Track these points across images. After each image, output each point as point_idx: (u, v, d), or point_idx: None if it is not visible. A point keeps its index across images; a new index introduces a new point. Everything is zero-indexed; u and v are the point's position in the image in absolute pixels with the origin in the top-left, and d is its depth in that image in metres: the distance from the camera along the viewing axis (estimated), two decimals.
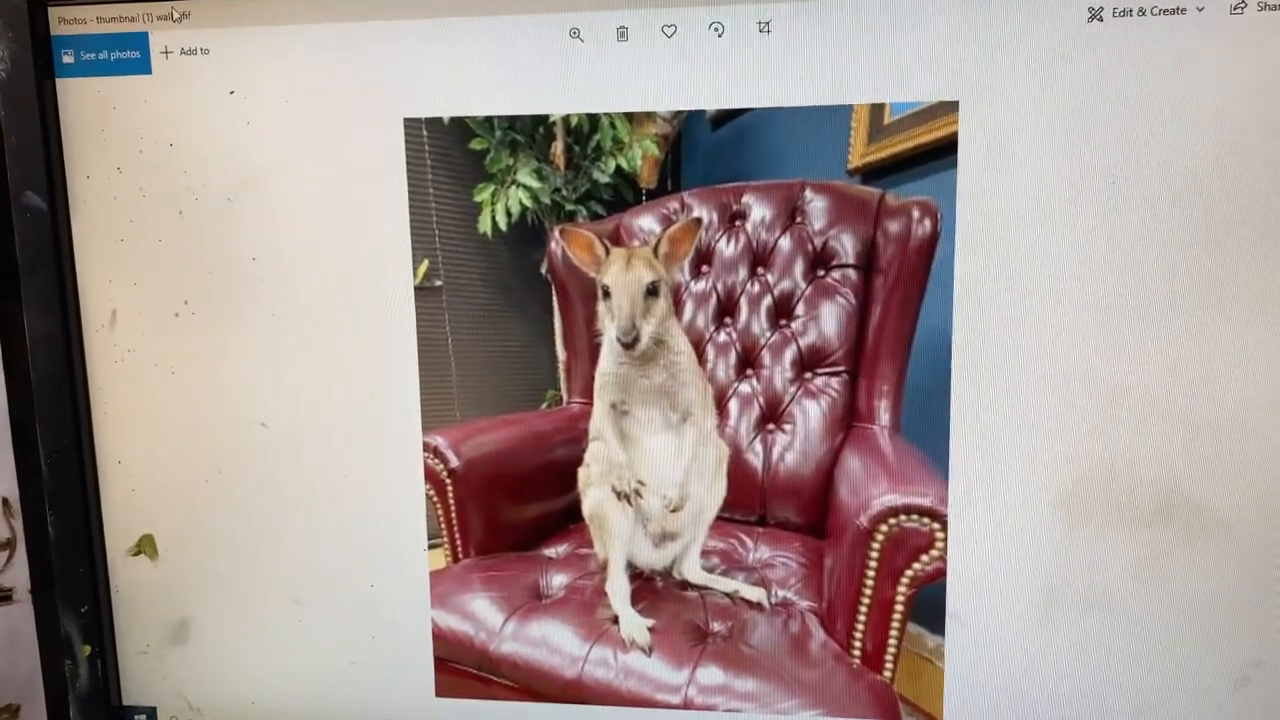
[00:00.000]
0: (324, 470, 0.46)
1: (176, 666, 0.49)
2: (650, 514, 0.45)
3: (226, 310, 0.45)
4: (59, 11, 0.44)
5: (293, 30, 0.43)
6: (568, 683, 0.46)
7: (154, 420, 0.47)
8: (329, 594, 0.47)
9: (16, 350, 0.48)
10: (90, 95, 0.45)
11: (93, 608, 0.48)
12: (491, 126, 0.43)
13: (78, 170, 0.45)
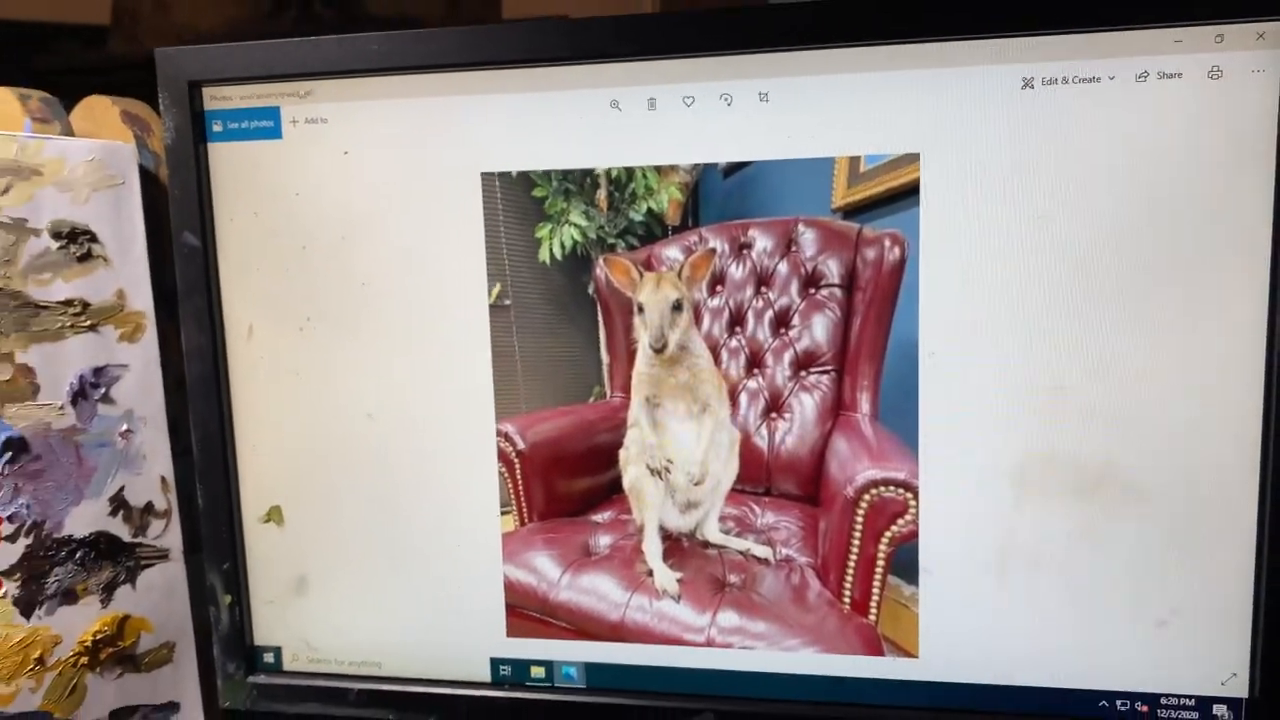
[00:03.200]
0: (417, 453, 0.57)
1: (297, 614, 0.60)
2: (677, 486, 0.55)
3: (340, 325, 0.57)
4: (211, 91, 0.56)
5: (393, 103, 0.54)
6: (613, 625, 0.57)
7: (281, 414, 0.58)
8: (420, 553, 0.58)
9: (174, 358, 0.60)
10: (234, 156, 0.57)
11: (232, 565, 0.60)
12: (549, 178, 0.54)
13: (224, 215, 0.57)
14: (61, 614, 0.56)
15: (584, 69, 0.52)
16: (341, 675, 0.60)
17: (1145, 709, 0.52)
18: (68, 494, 0.57)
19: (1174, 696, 0.51)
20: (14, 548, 0.55)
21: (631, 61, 0.52)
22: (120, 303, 0.59)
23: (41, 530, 0.56)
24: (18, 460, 0.55)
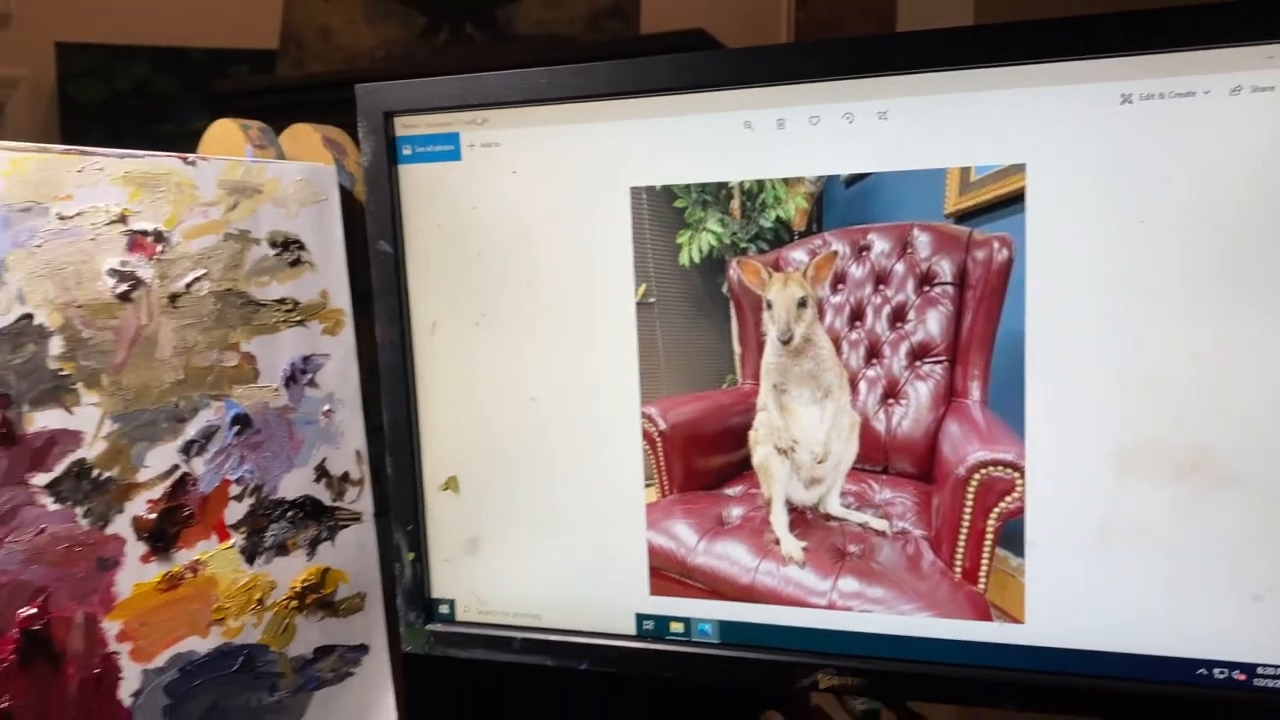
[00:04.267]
0: (573, 432, 0.66)
1: (469, 571, 0.69)
2: (802, 464, 0.62)
3: (508, 320, 0.66)
4: (402, 120, 0.66)
5: (555, 129, 0.63)
6: (744, 587, 0.64)
7: (458, 397, 0.68)
8: (574, 520, 0.66)
9: (366, 349, 0.70)
10: (420, 176, 0.66)
11: (414, 527, 0.69)
12: (689, 190, 0.61)
13: (411, 226, 0.67)
14: (276, 563, 0.67)
15: (720, 94, 0.60)
16: (505, 625, 0.69)
17: (1242, 677, 0.55)
18: (282, 463, 0.67)
19: (1270, 666, 0.55)
20: (240, 506, 0.65)
21: (763, 87, 0.59)
22: (323, 301, 0.70)
23: (261, 492, 0.66)
24: (243, 433, 0.66)
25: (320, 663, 0.67)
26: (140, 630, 0.61)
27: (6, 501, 0.57)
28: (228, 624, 0.64)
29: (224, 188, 0.66)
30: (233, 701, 0.64)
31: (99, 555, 0.60)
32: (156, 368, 0.63)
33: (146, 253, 0.63)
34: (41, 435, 0.59)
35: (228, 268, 0.66)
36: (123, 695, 0.60)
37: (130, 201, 0.63)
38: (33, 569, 0.58)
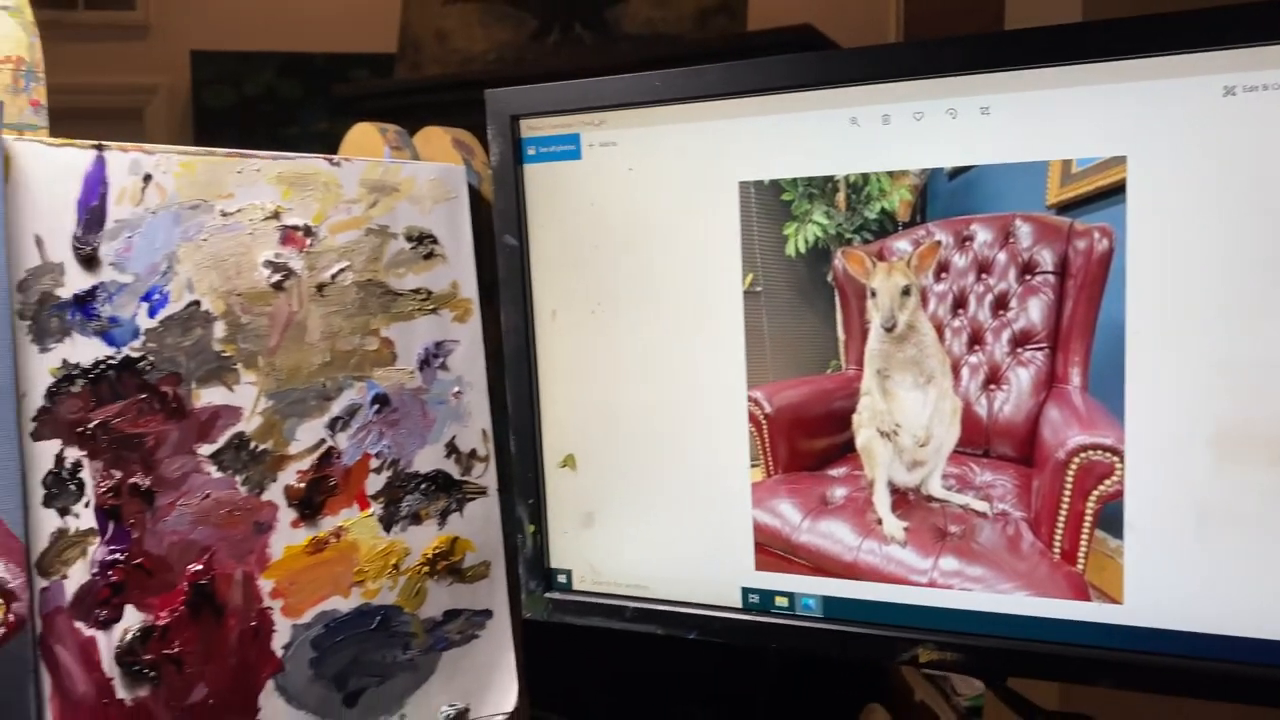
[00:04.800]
0: (682, 414, 0.69)
1: (585, 543, 0.74)
2: (904, 448, 0.65)
3: (623, 309, 0.70)
4: (527, 122, 0.71)
5: (668, 128, 0.67)
6: (846, 564, 0.67)
7: (577, 380, 0.72)
8: (684, 497, 0.70)
9: (491, 336, 0.75)
10: (543, 174, 0.71)
11: (535, 501, 0.74)
12: (796, 184, 0.64)
13: (535, 221, 0.72)
14: (410, 532, 0.72)
15: (827, 92, 0.63)
16: (618, 595, 0.73)
17: None
18: (416, 439, 0.73)
19: None
20: (379, 478, 0.71)
21: (868, 85, 0.61)
22: (454, 291, 0.75)
23: (398, 466, 0.72)
24: (382, 411, 0.72)
25: (448, 625, 0.73)
26: (290, 588, 0.67)
27: (178, 469, 0.64)
28: (367, 586, 0.70)
29: (365, 186, 0.72)
30: (370, 657, 0.70)
31: (255, 519, 0.67)
32: (306, 351, 0.69)
33: (297, 246, 0.69)
34: (207, 410, 0.65)
35: (369, 260, 0.72)
36: (275, 646, 0.67)
37: (283, 199, 0.69)
38: (199, 530, 0.65)
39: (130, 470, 0.63)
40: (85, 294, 0.62)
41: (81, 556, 0.61)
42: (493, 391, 0.76)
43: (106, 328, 0.63)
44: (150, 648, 0.62)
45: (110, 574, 0.61)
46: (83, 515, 0.61)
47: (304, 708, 0.67)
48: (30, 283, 0.60)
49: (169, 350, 0.64)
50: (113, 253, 0.63)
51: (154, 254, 0.64)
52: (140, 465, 0.63)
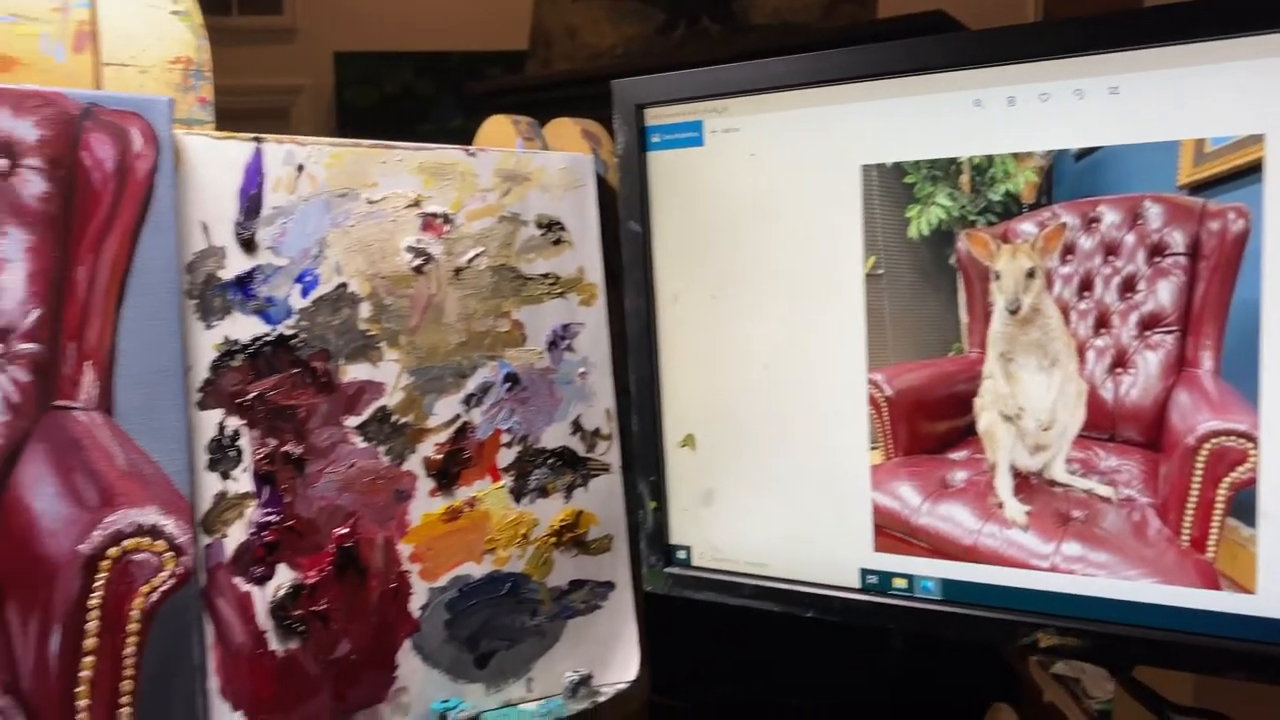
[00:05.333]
0: (802, 396, 0.71)
1: (704, 520, 0.76)
2: (1027, 431, 0.64)
3: (744, 292, 0.71)
4: (651, 111, 0.73)
5: (790, 113, 0.68)
6: (966, 547, 0.67)
7: (697, 362, 0.74)
8: (803, 478, 0.71)
9: (618, 318, 0.78)
10: (667, 161, 0.73)
11: (656, 478, 0.77)
12: (918, 167, 0.65)
13: (658, 207, 0.74)
14: (538, 504, 0.76)
15: (950, 75, 0.63)
16: (736, 573, 0.75)
17: None
18: (544, 416, 0.76)
19: None
20: (510, 452, 0.75)
21: (993, 67, 0.61)
22: (580, 276, 0.78)
23: (526, 441, 0.75)
24: (513, 389, 0.75)
25: (573, 594, 0.76)
26: (427, 553, 0.71)
27: (327, 439, 0.69)
28: (498, 554, 0.74)
29: (499, 175, 0.75)
30: (500, 621, 0.73)
31: (396, 488, 0.71)
32: (443, 331, 0.73)
33: (436, 232, 0.73)
34: (353, 385, 0.70)
35: (501, 246, 0.75)
36: (413, 607, 0.71)
37: (424, 188, 0.73)
38: (345, 496, 0.69)
39: (284, 439, 0.68)
40: (245, 275, 0.67)
41: (240, 517, 0.66)
42: (616, 373, 0.79)
43: (264, 307, 0.68)
44: (300, 604, 0.67)
45: (265, 534, 0.67)
46: (241, 479, 0.66)
47: (438, 666, 0.71)
48: (197, 265, 0.66)
49: (319, 328, 0.69)
50: (269, 238, 0.68)
51: (306, 239, 0.69)
52: (293, 435, 0.68)
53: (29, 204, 0.60)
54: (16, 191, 0.59)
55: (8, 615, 0.58)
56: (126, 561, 0.61)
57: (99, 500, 0.60)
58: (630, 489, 0.78)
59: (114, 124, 0.62)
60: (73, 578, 0.59)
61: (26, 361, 0.59)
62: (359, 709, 0.68)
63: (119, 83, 0.68)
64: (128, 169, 0.62)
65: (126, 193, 0.62)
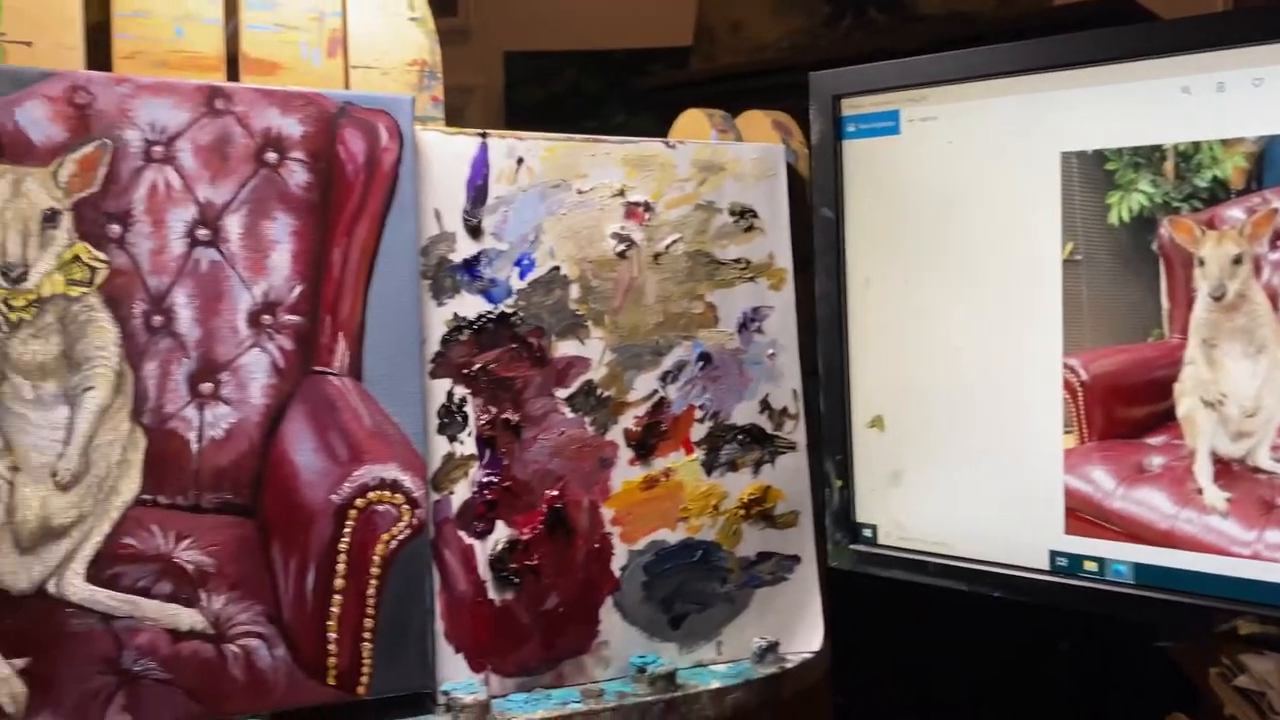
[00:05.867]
0: (994, 380, 0.72)
1: (891, 500, 0.78)
2: (1230, 418, 0.64)
3: (937, 277, 0.73)
4: (848, 101, 0.76)
5: (990, 101, 0.70)
6: (1162, 532, 0.67)
7: (887, 345, 0.77)
8: (993, 460, 0.73)
9: (806, 302, 0.81)
10: (861, 150, 0.76)
11: (843, 458, 0.79)
12: (1120, 154, 0.66)
13: (851, 194, 0.77)
14: (728, 478, 0.80)
15: (1155, 62, 0.63)
16: (922, 552, 0.77)
17: None
18: (734, 395, 0.80)
19: None
20: (702, 427, 0.79)
21: (1201, 53, 0.62)
22: (770, 261, 0.82)
23: (718, 417, 0.80)
24: (705, 368, 0.79)
25: (761, 565, 0.80)
26: (627, 518, 0.77)
27: (540, 409, 0.75)
28: (691, 522, 0.78)
29: (696, 166, 0.80)
30: (693, 586, 0.78)
31: (600, 455, 0.76)
32: (643, 312, 0.78)
33: (638, 220, 0.78)
34: (563, 360, 0.76)
35: (697, 232, 0.79)
36: (614, 567, 0.76)
37: (628, 179, 0.78)
38: (555, 461, 0.75)
39: (503, 407, 0.74)
40: (471, 259, 0.74)
41: (464, 477, 0.73)
42: (803, 355, 0.82)
43: (487, 287, 0.74)
44: (515, 558, 0.73)
45: (486, 493, 0.73)
46: (466, 443, 0.73)
47: (636, 624, 0.76)
48: (431, 249, 0.73)
49: (535, 308, 0.75)
50: (492, 224, 0.74)
51: (524, 226, 0.75)
52: (511, 403, 0.74)
53: (294, 192, 0.67)
54: (284, 181, 0.67)
55: (273, 554, 0.66)
56: (371, 511, 0.68)
57: (349, 456, 0.68)
58: (816, 467, 0.81)
59: (365, 121, 0.69)
60: (326, 524, 0.67)
61: (291, 331, 0.67)
62: (565, 658, 0.74)
63: (364, 84, 0.75)
64: (376, 161, 0.69)
65: (375, 182, 0.69)
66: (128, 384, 0.63)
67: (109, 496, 0.62)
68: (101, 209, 0.63)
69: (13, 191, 0.61)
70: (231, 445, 0.65)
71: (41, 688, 0.60)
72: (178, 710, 0.63)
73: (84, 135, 0.63)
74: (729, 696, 0.73)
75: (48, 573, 0.61)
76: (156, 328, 0.64)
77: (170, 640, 0.63)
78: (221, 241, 0.65)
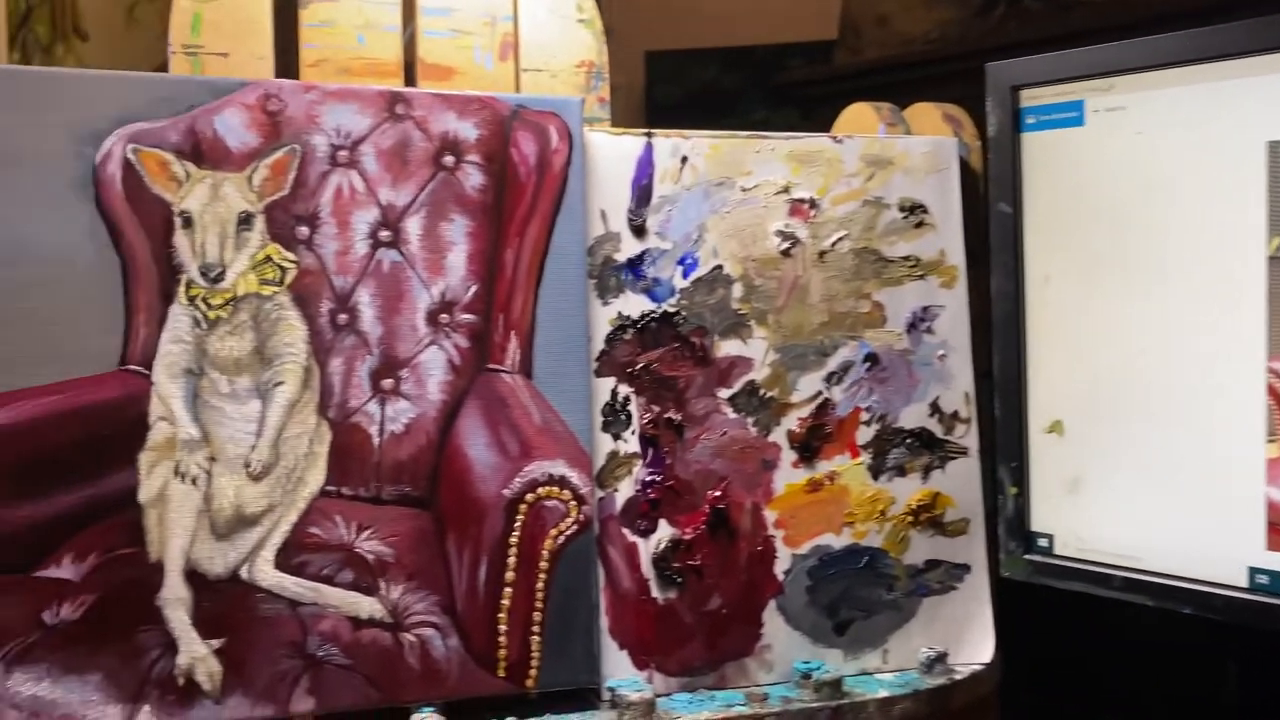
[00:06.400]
0: (1186, 385, 0.68)
1: (1069, 509, 0.75)
2: None
3: (1124, 275, 0.70)
4: (1027, 92, 0.73)
5: (1185, 89, 0.66)
6: None
7: (1067, 346, 0.73)
8: (1184, 470, 0.69)
9: (978, 301, 0.78)
10: (1042, 142, 0.73)
11: (1018, 464, 0.76)
12: None
13: (1030, 189, 0.74)
14: (895, 483, 0.77)
15: None
16: (1105, 564, 0.73)
17: None
18: (901, 397, 0.78)
19: None
20: (868, 430, 0.77)
21: None
22: (941, 259, 0.79)
23: (885, 420, 0.78)
24: (872, 369, 0.77)
25: (929, 573, 0.77)
26: (791, 521, 0.75)
27: (703, 408, 0.75)
28: (856, 527, 0.76)
29: (863, 161, 0.78)
30: (858, 592, 0.76)
31: (763, 457, 0.75)
32: (808, 311, 0.77)
33: (802, 217, 0.77)
34: (726, 359, 0.75)
35: (864, 229, 0.78)
36: (777, 571, 0.75)
37: (793, 175, 0.77)
38: (718, 461, 0.74)
39: (666, 406, 0.74)
40: (635, 258, 0.74)
41: (628, 475, 0.73)
42: (975, 356, 0.79)
43: (650, 286, 0.74)
44: (678, 557, 0.73)
45: (649, 492, 0.73)
46: (630, 441, 0.73)
47: (799, 629, 0.75)
48: (596, 248, 0.73)
49: (697, 307, 0.75)
50: (656, 224, 0.74)
51: (688, 225, 0.75)
52: (673, 403, 0.74)
53: (470, 194, 0.69)
54: (460, 184, 0.69)
55: (448, 547, 0.67)
56: (540, 506, 0.69)
57: (519, 451, 0.69)
58: (988, 474, 0.78)
59: (536, 123, 0.70)
60: (498, 518, 0.68)
61: (466, 330, 0.69)
62: (728, 660, 0.73)
63: (533, 86, 0.76)
64: (547, 163, 0.70)
65: (545, 184, 0.70)
66: (315, 379, 0.65)
67: (297, 487, 0.65)
68: (291, 211, 0.66)
69: (211, 195, 0.64)
70: (410, 439, 0.67)
71: (235, 668, 0.63)
72: (357, 695, 0.65)
73: (275, 141, 0.65)
74: (897, 706, 0.71)
75: (241, 559, 0.64)
76: (341, 325, 0.66)
77: (351, 627, 0.65)
78: (402, 243, 0.68)
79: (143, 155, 0.63)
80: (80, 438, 0.61)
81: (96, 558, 0.61)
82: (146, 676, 0.61)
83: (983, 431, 0.79)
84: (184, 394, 0.63)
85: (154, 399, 0.63)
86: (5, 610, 0.59)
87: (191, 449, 0.63)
